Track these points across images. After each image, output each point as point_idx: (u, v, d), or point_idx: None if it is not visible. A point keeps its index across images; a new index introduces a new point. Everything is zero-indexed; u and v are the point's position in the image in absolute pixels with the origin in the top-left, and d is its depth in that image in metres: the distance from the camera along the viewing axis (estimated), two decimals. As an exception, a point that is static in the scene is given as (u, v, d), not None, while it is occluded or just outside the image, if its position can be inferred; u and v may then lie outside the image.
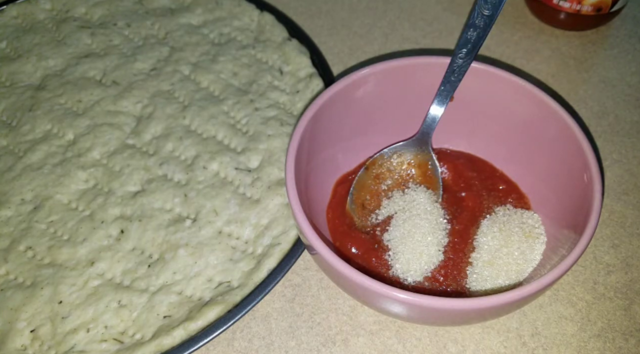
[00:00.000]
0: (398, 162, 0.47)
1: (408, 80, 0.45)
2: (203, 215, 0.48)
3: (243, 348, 0.43)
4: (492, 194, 0.46)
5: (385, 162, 0.47)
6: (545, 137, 0.43)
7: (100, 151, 0.53)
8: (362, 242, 0.43)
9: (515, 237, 0.41)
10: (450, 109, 0.46)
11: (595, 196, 0.36)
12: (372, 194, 0.46)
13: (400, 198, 0.45)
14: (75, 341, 0.42)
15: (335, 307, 0.45)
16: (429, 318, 0.36)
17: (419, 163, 0.47)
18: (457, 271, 0.42)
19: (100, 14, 0.65)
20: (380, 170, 0.47)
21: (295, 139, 0.40)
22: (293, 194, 0.37)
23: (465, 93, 0.45)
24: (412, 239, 0.42)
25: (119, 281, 0.45)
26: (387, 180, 0.47)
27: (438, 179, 0.46)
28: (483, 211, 0.44)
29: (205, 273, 0.45)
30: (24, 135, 0.55)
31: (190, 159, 0.52)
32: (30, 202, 0.50)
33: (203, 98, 0.57)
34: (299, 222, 0.36)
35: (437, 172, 0.46)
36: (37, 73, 0.60)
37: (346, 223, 0.45)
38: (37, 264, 0.46)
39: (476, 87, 0.45)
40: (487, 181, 0.47)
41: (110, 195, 0.50)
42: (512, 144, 0.46)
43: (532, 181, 0.45)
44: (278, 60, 0.60)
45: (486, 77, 0.44)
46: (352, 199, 0.46)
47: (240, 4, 0.64)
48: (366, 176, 0.46)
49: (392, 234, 0.43)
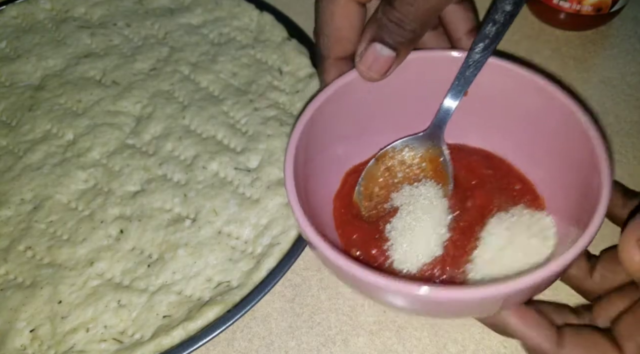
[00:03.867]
0: (409, 156, 0.46)
1: (419, 74, 0.44)
2: (203, 215, 0.48)
3: (243, 348, 0.43)
4: (506, 194, 0.44)
5: (396, 154, 0.46)
6: (563, 139, 0.41)
7: (100, 151, 0.53)
8: (364, 231, 0.43)
9: (522, 238, 0.40)
10: (470, 104, 0.44)
11: (602, 201, 0.35)
12: (381, 187, 0.46)
13: (408, 192, 0.44)
14: (74, 340, 0.42)
15: (335, 307, 0.45)
16: (419, 307, 0.36)
17: (431, 157, 0.46)
18: (455, 267, 0.41)
19: (100, 14, 0.65)
20: (391, 162, 0.46)
21: (297, 131, 0.39)
22: (289, 176, 0.37)
23: (483, 89, 0.44)
24: (412, 232, 0.41)
25: (118, 281, 0.45)
26: (398, 173, 0.46)
27: (449, 174, 0.45)
28: (493, 210, 0.43)
29: (204, 272, 0.45)
30: (23, 135, 0.55)
31: (189, 159, 0.52)
32: (30, 202, 0.50)
33: (203, 98, 0.57)
34: (292, 204, 0.36)
35: (448, 168, 0.45)
36: (37, 73, 0.60)
37: (351, 213, 0.44)
38: (37, 264, 0.46)
39: (495, 83, 0.43)
40: (503, 179, 0.45)
41: (110, 195, 0.50)
42: (531, 143, 0.44)
43: (549, 182, 0.44)
44: (278, 60, 0.60)
45: (504, 74, 0.43)
46: (359, 189, 0.45)
47: (239, 4, 0.64)
48: (376, 168, 0.46)
49: (394, 225, 0.42)
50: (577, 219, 0.38)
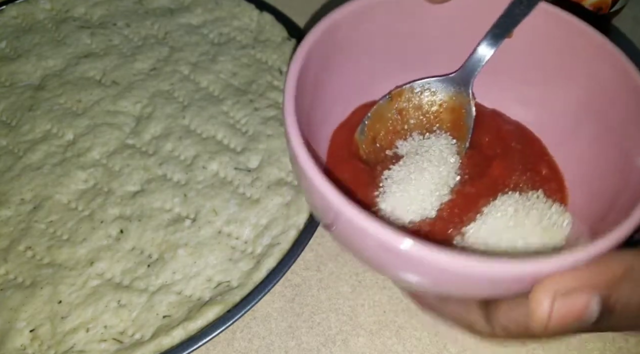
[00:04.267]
0: (428, 101, 0.40)
1: (458, 8, 0.38)
2: (202, 215, 0.48)
3: (243, 347, 0.43)
4: (529, 174, 0.38)
5: (413, 96, 0.40)
6: (621, 132, 0.34)
7: (100, 151, 0.53)
8: (357, 173, 0.38)
9: (528, 226, 0.35)
10: (515, 61, 0.38)
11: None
12: (388, 131, 0.40)
13: (417, 141, 0.39)
14: (74, 340, 0.42)
15: (335, 307, 0.45)
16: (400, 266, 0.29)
17: (453, 106, 0.40)
18: (443, 235, 0.35)
19: (100, 14, 0.65)
20: (406, 105, 0.40)
21: (301, 51, 0.34)
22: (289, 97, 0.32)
23: (535, 42, 0.37)
24: (409, 184, 0.36)
25: (118, 281, 0.45)
26: (410, 119, 0.40)
27: (468, 129, 0.39)
28: (508, 186, 0.37)
29: (204, 272, 0.45)
30: (23, 135, 0.55)
31: (189, 159, 0.52)
32: (30, 202, 0.50)
33: (202, 98, 0.57)
34: (288, 124, 0.31)
35: (470, 120, 0.39)
36: (37, 73, 0.60)
37: (349, 151, 0.39)
38: (37, 264, 0.46)
39: (551, 37, 0.36)
40: (530, 158, 0.39)
41: (110, 195, 0.50)
42: (577, 128, 0.37)
43: (582, 178, 0.37)
44: (278, 60, 0.60)
45: (565, 27, 0.34)
46: (363, 128, 0.39)
47: (239, 3, 0.64)
48: (387, 107, 0.40)
49: (392, 173, 0.37)
50: (601, 223, 0.33)
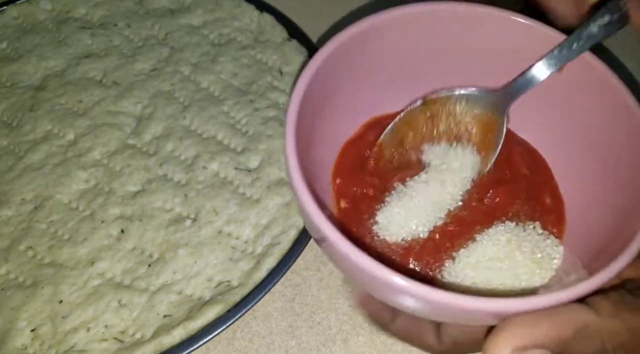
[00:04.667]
0: (462, 110, 0.40)
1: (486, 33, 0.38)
2: (203, 215, 0.48)
3: (243, 347, 0.43)
4: (531, 204, 0.39)
5: (449, 103, 0.40)
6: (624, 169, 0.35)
7: (101, 151, 0.53)
8: (364, 185, 0.39)
9: (518, 258, 0.35)
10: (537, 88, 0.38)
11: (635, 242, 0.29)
12: (416, 134, 0.41)
13: (444, 148, 0.39)
14: (75, 340, 0.42)
15: (335, 307, 0.45)
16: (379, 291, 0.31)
17: (486, 122, 0.40)
18: (433, 258, 0.36)
19: (101, 14, 0.65)
20: (439, 111, 0.40)
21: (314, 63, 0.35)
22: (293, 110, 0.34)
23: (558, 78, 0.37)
24: (409, 201, 0.37)
25: (119, 281, 0.46)
26: (441, 125, 0.40)
27: (496, 146, 0.39)
28: (507, 215, 0.38)
29: (205, 272, 0.45)
30: (24, 135, 0.55)
31: (190, 159, 0.52)
32: (31, 202, 0.50)
33: (203, 98, 0.57)
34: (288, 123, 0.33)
35: (500, 140, 0.39)
36: (38, 73, 0.60)
37: (358, 163, 0.40)
38: (38, 263, 0.46)
39: (574, 76, 0.37)
40: (536, 186, 0.40)
41: (111, 195, 0.50)
42: (583, 159, 0.38)
43: (583, 207, 0.38)
44: (278, 60, 0.60)
45: (591, 71, 0.36)
46: (393, 130, 0.40)
47: (240, 4, 0.64)
48: (421, 111, 0.40)
49: (401, 187, 0.38)
50: (595, 259, 0.33)
